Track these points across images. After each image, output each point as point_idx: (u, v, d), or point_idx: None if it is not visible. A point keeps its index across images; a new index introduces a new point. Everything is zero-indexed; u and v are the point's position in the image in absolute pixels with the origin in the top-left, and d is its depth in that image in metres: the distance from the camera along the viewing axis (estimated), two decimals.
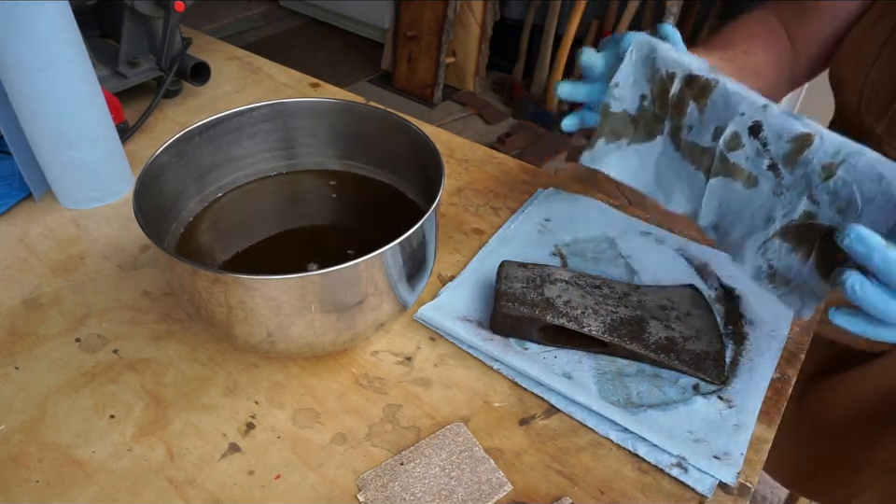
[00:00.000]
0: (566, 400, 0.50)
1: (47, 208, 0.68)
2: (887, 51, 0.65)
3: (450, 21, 2.29)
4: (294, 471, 0.46)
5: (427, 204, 0.47)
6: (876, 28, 0.67)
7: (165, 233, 0.54)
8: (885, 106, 0.66)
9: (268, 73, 0.94)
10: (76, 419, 0.49)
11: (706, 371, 0.52)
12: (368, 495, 0.44)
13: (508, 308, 0.53)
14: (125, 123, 0.78)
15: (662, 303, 0.56)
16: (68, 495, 0.44)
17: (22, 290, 0.59)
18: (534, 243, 0.64)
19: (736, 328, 0.56)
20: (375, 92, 2.53)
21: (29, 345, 0.54)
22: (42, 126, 0.62)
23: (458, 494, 0.44)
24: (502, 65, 2.56)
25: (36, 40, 0.57)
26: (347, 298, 0.45)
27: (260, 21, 3.05)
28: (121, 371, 0.52)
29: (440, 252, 0.64)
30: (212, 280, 0.42)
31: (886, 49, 0.65)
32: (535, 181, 0.74)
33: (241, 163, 0.60)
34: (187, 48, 0.85)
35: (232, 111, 0.56)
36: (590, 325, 0.53)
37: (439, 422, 0.49)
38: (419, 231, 0.46)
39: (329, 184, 0.63)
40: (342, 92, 0.90)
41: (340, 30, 2.95)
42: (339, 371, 0.53)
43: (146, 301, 0.58)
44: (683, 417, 0.49)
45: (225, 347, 0.55)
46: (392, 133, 0.58)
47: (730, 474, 0.45)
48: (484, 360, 0.54)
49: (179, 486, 0.45)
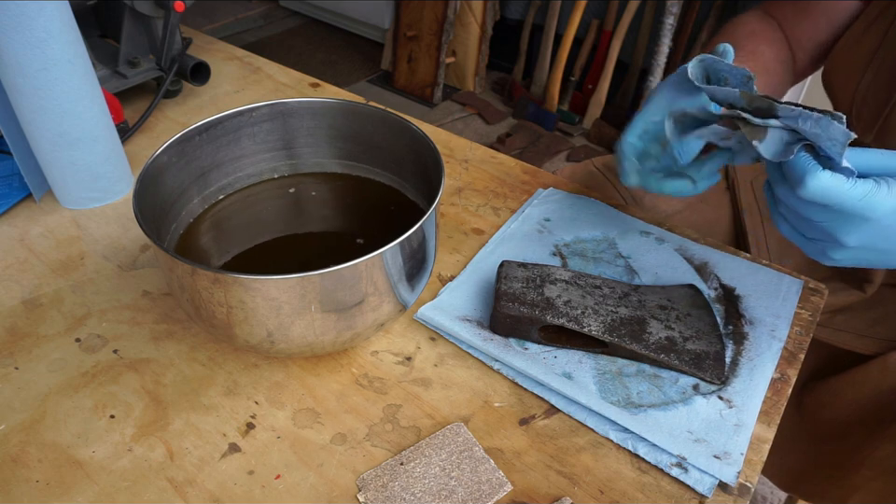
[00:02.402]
0: (566, 400, 0.50)
1: (47, 208, 0.68)
2: (877, 61, 0.65)
3: (450, 20, 2.29)
4: (294, 471, 0.46)
5: (427, 204, 0.47)
6: (867, 36, 0.66)
7: (165, 233, 0.54)
8: (874, 117, 0.66)
9: (268, 73, 0.94)
10: (76, 419, 0.49)
11: (706, 371, 0.52)
12: (368, 495, 0.44)
13: (508, 308, 0.53)
14: (125, 123, 0.78)
15: (662, 303, 0.56)
16: (68, 495, 0.44)
17: (22, 290, 0.59)
18: (534, 243, 0.64)
19: (736, 328, 0.56)
20: (375, 92, 2.53)
21: (29, 345, 0.54)
22: (42, 126, 0.62)
23: (458, 494, 0.44)
24: (502, 65, 2.57)
25: (36, 40, 0.57)
26: (347, 298, 0.45)
27: (260, 20, 3.05)
28: (121, 371, 0.52)
29: (440, 252, 0.64)
30: (212, 280, 0.42)
31: (876, 58, 0.65)
32: (535, 181, 0.74)
33: (241, 163, 0.60)
34: (187, 48, 0.85)
35: (232, 111, 0.56)
36: (590, 325, 0.53)
37: (439, 422, 0.49)
38: (419, 231, 0.46)
39: (328, 184, 0.63)
40: (342, 92, 0.90)
41: (340, 30, 2.95)
42: (339, 370, 0.53)
43: (146, 301, 0.58)
44: (683, 417, 0.49)
45: (225, 347, 0.55)
46: (392, 133, 0.58)
47: (730, 474, 0.45)
48: (484, 360, 0.54)
49: (179, 486, 0.45)
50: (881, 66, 0.64)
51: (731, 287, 0.60)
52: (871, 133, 0.66)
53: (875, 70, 0.65)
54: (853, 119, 0.68)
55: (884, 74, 0.64)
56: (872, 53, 0.65)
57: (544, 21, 2.32)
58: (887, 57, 0.64)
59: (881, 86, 0.65)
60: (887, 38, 0.64)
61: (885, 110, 0.65)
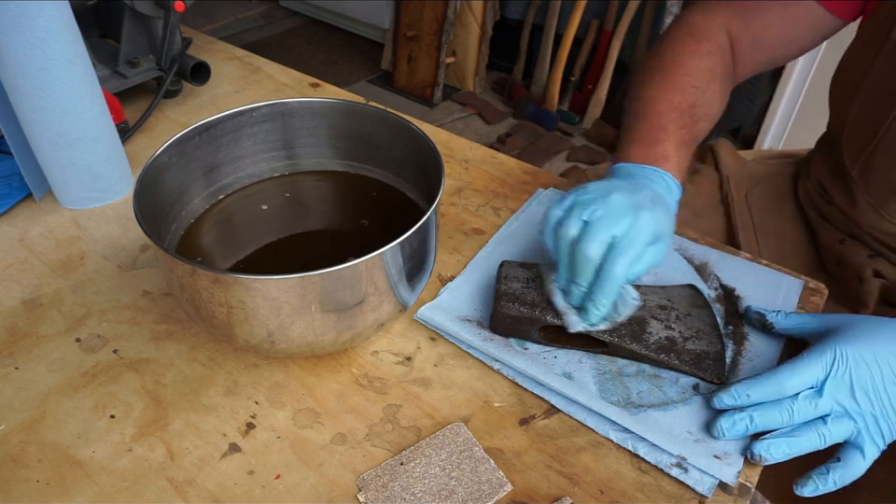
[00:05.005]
0: (566, 400, 0.50)
1: (47, 208, 0.68)
2: (867, 86, 0.64)
3: (450, 20, 2.29)
4: (294, 471, 0.46)
5: (427, 204, 0.47)
6: (861, 57, 0.65)
7: (165, 233, 0.54)
8: (862, 146, 0.65)
9: (268, 73, 0.94)
10: (76, 419, 0.49)
11: (706, 371, 0.52)
12: (368, 495, 0.44)
13: (508, 308, 0.53)
14: (125, 123, 0.78)
15: (662, 303, 0.56)
16: (68, 495, 0.44)
17: (22, 290, 0.59)
18: (534, 243, 0.64)
19: (736, 328, 0.56)
20: (375, 92, 2.53)
21: (29, 345, 0.54)
22: (42, 126, 0.62)
23: (458, 494, 0.44)
24: (502, 65, 2.56)
25: (36, 40, 0.57)
26: (347, 298, 0.45)
27: (260, 20, 3.05)
28: (121, 371, 0.52)
29: (440, 252, 0.64)
30: (212, 280, 0.42)
31: (866, 83, 0.64)
32: (535, 181, 0.74)
33: (241, 163, 0.60)
34: (187, 48, 0.85)
35: (232, 111, 0.56)
36: None
37: (439, 422, 0.49)
38: (419, 232, 0.46)
39: (328, 184, 0.63)
40: (342, 92, 0.90)
41: (340, 30, 2.95)
42: (339, 370, 0.53)
43: (146, 301, 0.58)
44: (683, 417, 0.49)
45: (225, 347, 0.55)
46: (392, 132, 0.58)
47: (730, 474, 0.45)
48: (484, 360, 0.54)
49: (179, 486, 0.45)
50: (868, 97, 0.64)
51: (731, 287, 0.60)
52: (857, 166, 0.65)
53: (862, 99, 0.64)
54: (844, 143, 0.67)
55: (872, 103, 0.63)
56: (862, 77, 0.64)
57: (544, 21, 2.32)
58: (873, 90, 0.63)
59: (870, 113, 0.64)
60: (874, 68, 0.63)
61: (868, 146, 0.64)
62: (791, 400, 0.46)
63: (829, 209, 0.71)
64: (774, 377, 0.46)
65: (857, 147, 0.65)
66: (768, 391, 0.46)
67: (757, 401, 0.46)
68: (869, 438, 0.45)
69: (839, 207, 0.69)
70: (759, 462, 0.45)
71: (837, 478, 0.45)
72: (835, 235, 0.70)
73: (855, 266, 0.68)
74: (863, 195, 0.65)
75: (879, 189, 0.64)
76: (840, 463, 0.46)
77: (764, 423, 0.46)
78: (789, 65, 1.89)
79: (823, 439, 0.45)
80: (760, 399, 0.46)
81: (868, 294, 0.67)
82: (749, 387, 0.47)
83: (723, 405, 0.47)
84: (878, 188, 0.64)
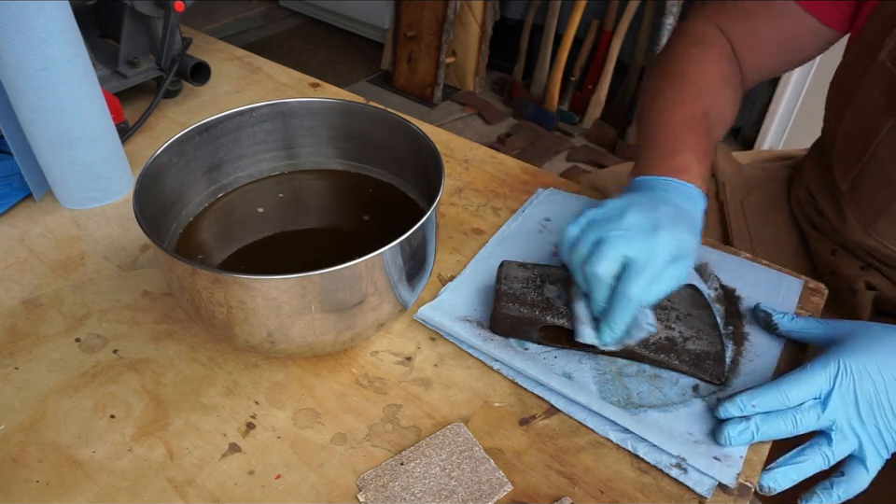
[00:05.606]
0: (566, 400, 0.50)
1: (47, 208, 0.68)
2: (856, 104, 0.63)
3: (450, 20, 2.29)
4: (294, 471, 0.46)
5: (427, 204, 0.47)
6: (853, 71, 0.65)
7: (165, 233, 0.54)
8: (852, 164, 0.64)
9: (268, 73, 0.94)
10: (76, 419, 0.49)
11: (706, 372, 0.52)
12: (368, 495, 0.44)
13: (508, 308, 0.53)
14: (125, 123, 0.78)
15: (662, 303, 0.56)
16: (68, 495, 0.44)
17: (22, 290, 0.59)
18: (534, 243, 0.64)
19: (736, 328, 0.56)
20: (375, 92, 2.53)
21: (29, 345, 0.54)
22: (42, 126, 0.62)
23: (458, 494, 0.44)
24: (502, 65, 2.56)
25: (36, 40, 0.57)
26: (347, 298, 0.45)
27: (260, 20, 3.05)
28: (121, 371, 0.52)
29: (440, 252, 0.64)
30: (212, 280, 0.42)
31: (855, 101, 0.63)
32: (535, 181, 0.74)
33: (241, 163, 0.60)
34: (187, 48, 0.85)
35: (232, 111, 0.56)
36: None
37: (439, 422, 0.49)
38: (419, 231, 0.46)
39: (328, 184, 0.63)
40: (342, 92, 0.90)
41: (340, 30, 2.95)
42: (339, 370, 0.53)
43: (146, 301, 0.58)
44: (683, 418, 0.49)
45: (225, 347, 0.55)
46: (392, 132, 0.58)
47: (729, 475, 0.45)
48: (484, 360, 0.54)
49: (179, 486, 0.45)
50: (857, 114, 0.63)
51: (731, 287, 0.60)
52: (846, 182, 0.65)
53: (851, 115, 0.64)
54: (835, 155, 0.67)
55: (859, 122, 0.63)
56: (852, 93, 0.64)
57: (544, 21, 2.32)
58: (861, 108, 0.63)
59: (859, 129, 0.63)
60: (863, 87, 0.62)
61: (858, 164, 0.63)
62: (796, 411, 0.46)
63: (820, 220, 0.71)
64: (778, 387, 0.46)
65: (847, 163, 0.65)
66: (772, 401, 0.46)
67: (762, 411, 0.47)
68: (873, 450, 0.46)
69: (829, 220, 0.69)
70: (769, 493, 0.46)
71: (841, 492, 0.46)
72: (827, 245, 0.70)
73: (847, 278, 0.68)
74: (852, 211, 0.65)
75: (868, 209, 0.64)
76: (844, 477, 0.46)
77: (769, 432, 0.46)
78: None
79: (828, 460, 0.46)
80: (764, 408, 0.47)
81: (862, 307, 0.67)
82: (753, 397, 0.47)
83: (728, 415, 0.47)
84: (867, 207, 0.64)
